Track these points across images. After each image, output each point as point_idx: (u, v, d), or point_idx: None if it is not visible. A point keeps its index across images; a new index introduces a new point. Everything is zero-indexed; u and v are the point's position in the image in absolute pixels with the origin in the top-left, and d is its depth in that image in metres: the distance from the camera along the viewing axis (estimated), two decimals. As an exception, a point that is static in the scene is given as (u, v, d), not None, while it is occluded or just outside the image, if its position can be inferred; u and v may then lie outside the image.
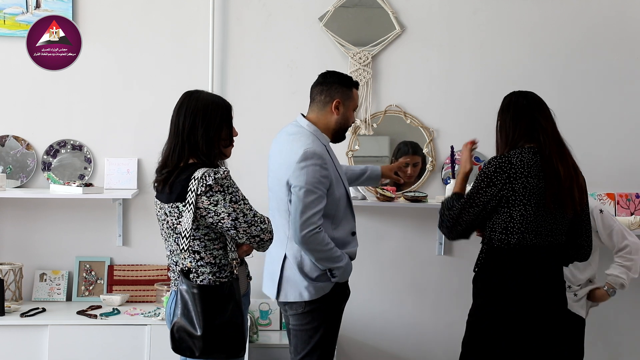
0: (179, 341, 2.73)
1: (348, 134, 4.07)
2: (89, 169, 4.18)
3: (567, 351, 3.50)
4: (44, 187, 4.13)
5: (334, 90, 3.32)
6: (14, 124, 4.16)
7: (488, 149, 3.72)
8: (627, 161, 4.30)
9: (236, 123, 4.08)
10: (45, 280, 4.15)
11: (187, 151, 2.78)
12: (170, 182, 2.75)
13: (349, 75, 3.46)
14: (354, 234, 3.37)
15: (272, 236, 2.85)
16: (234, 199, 2.72)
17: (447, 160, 4.17)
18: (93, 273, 4.17)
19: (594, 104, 4.29)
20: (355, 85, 3.40)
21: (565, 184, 3.01)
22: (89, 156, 4.18)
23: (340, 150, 4.05)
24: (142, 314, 3.87)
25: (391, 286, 4.30)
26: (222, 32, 4.19)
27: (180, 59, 4.19)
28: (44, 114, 4.17)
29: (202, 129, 2.78)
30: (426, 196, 4.07)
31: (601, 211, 3.54)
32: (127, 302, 4.09)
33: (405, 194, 4.10)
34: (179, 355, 2.86)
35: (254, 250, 2.91)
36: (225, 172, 2.73)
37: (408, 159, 4.14)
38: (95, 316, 3.81)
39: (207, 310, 2.68)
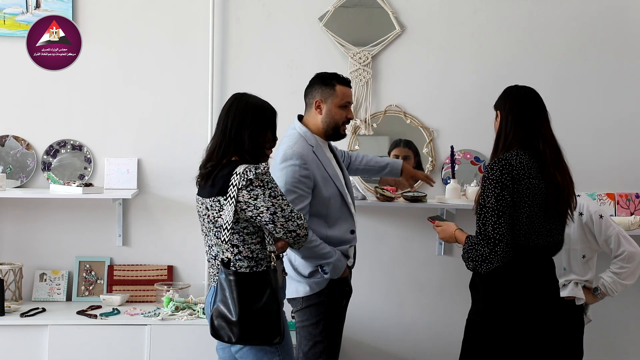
0: (217, 327, 2.82)
1: (348, 133, 4.09)
2: (89, 169, 4.18)
3: (566, 351, 3.52)
4: (44, 187, 4.13)
5: (315, 91, 3.42)
6: (14, 124, 4.16)
7: (488, 148, 3.70)
8: (627, 161, 4.30)
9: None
10: (45, 280, 4.14)
11: (232, 149, 2.88)
12: (213, 176, 2.86)
13: (336, 73, 3.47)
14: (352, 232, 3.41)
15: (307, 233, 2.93)
16: (273, 193, 2.80)
17: (447, 160, 4.17)
18: (93, 273, 4.17)
19: (594, 104, 4.29)
20: (341, 81, 3.43)
21: (564, 194, 3.02)
22: (89, 156, 4.18)
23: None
24: (142, 314, 3.87)
25: (391, 286, 4.30)
26: (222, 32, 4.19)
27: (180, 59, 4.19)
28: (43, 114, 4.17)
29: (249, 129, 2.89)
30: (425, 196, 4.07)
31: (601, 217, 3.54)
32: (127, 302, 4.09)
33: (404, 194, 4.10)
34: (212, 344, 2.93)
35: (288, 248, 2.99)
36: (266, 168, 2.83)
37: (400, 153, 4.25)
38: (95, 316, 3.81)
39: (243, 296, 2.77)
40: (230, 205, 2.78)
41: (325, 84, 3.41)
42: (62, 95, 4.17)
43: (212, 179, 2.86)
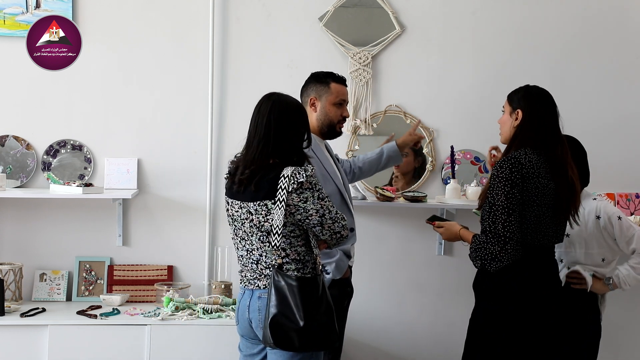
0: (278, 336, 2.75)
1: (348, 133, 4.10)
2: (89, 169, 4.18)
3: (569, 352, 3.49)
4: (44, 187, 4.13)
5: (309, 89, 3.45)
6: (14, 124, 4.16)
7: (487, 148, 3.71)
8: (627, 161, 4.30)
9: (236, 123, 4.12)
10: (45, 280, 4.14)
11: (275, 152, 2.83)
12: (256, 180, 2.79)
13: (332, 72, 3.50)
14: (352, 230, 3.40)
15: (349, 233, 2.91)
16: (320, 196, 2.79)
17: (447, 160, 4.17)
18: (93, 273, 4.17)
19: (594, 104, 4.29)
20: (336, 79, 3.45)
21: (575, 195, 3.03)
22: (88, 156, 4.18)
23: (340, 151, 4.05)
24: (142, 314, 3.87)
25: (391, 286, 4.30)
26: (222, 32, 4.19)
27: (180, 59, 4.19)
28: (43, 114, 4.16)
29: (292, 131, 2.86)
30: (426, 196, 4.07)
31: (619, 218, 3.46)
32: (127, 302, 4.08)
33: (404, 194, 4.11)
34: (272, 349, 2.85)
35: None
36: (313, 170, 2.80)
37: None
38: (95, 316, 3.81)
39: (307, 302, 2.74)
40: (279, 209, 2.74)
41: (320, 81, 3.43)
42: (62, 95, 4.16)
43: (255, 183, 2.79)
